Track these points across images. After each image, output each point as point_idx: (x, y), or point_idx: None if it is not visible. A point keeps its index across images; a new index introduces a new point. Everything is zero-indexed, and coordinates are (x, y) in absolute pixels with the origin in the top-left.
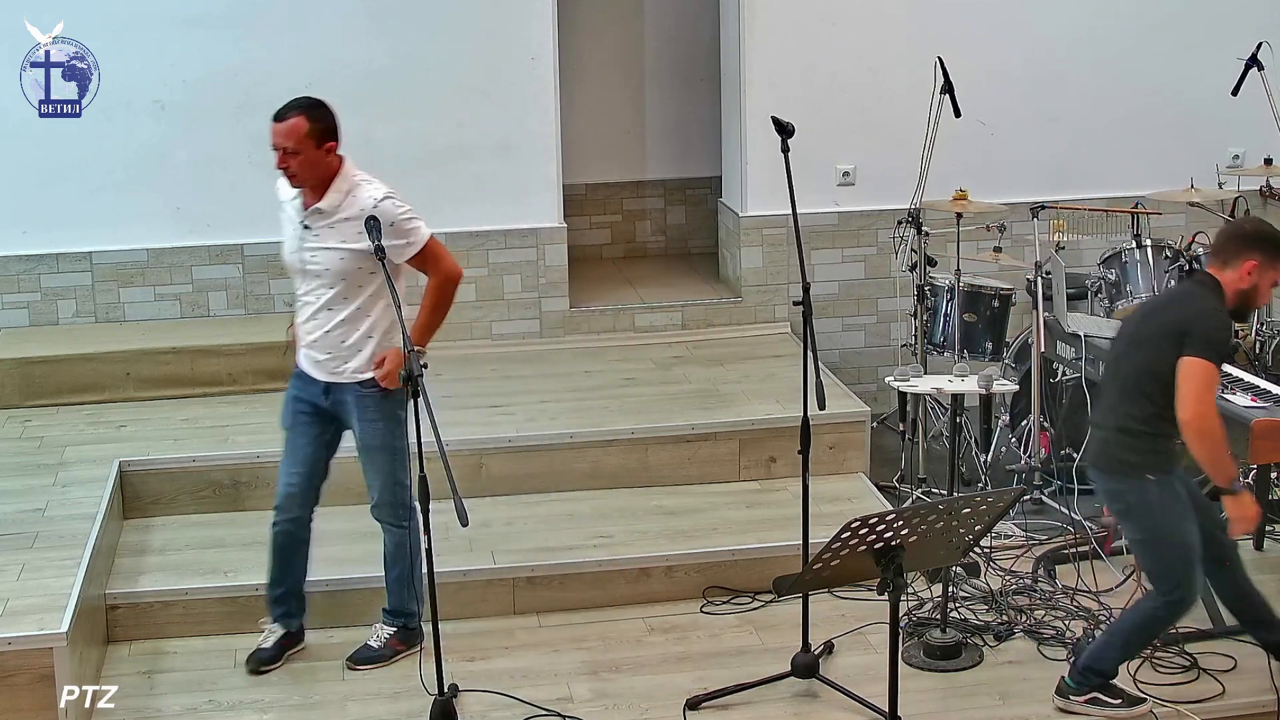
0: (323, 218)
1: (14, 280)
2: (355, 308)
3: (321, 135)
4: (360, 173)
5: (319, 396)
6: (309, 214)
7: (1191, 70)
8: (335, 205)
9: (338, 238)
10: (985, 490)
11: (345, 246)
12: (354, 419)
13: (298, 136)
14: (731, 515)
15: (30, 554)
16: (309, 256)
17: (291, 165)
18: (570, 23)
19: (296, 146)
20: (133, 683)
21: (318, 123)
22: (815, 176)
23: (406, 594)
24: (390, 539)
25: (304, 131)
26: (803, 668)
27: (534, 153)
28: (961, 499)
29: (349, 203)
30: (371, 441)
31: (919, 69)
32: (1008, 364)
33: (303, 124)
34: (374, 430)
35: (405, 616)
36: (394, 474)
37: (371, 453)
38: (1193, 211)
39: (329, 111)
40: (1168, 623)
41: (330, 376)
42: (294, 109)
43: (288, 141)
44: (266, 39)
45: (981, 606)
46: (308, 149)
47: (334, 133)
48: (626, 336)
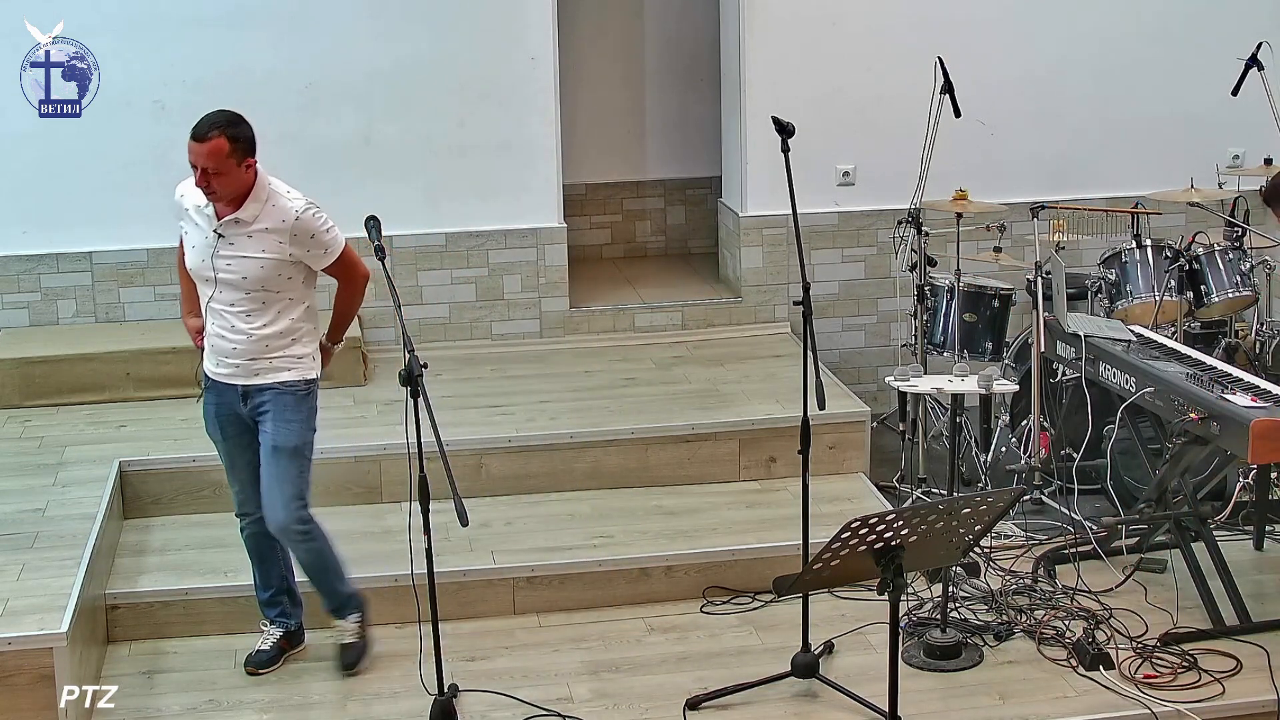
0: (241, 227)
1: (14, 280)
2: (275, 312)
3: (243, 153)
4: (274, 180)
5: (237, 403)
6: (225, 223)
7: (1191, 70)
8: (255, 215)
9: (257, 247)
10: (985, 490)
11: (265, 255)
12: (269, 419)
13: (219, 157)
14: (731, 515)
15: (30, 554)
16: (223, 265)
17: (213, 185)
18: (570, 23)
19: (218, 167)
20: (133, 683)
21: (238, 141)
22: (815, 176)
23: (339, 581)
24: (302, 549)
25: (225, 152)
26: (803, 668)
27: (534, 153)
28: (961, 499)
29: (269, 213)
30: (285, 442)
31: (919, 69)
32: (1008, 364)
33: (224, 145)
34: (289, 431)
35: (352, 601)
36: (299, 484)
37: (281, 455)
38: (1193, 211)
39: (248, 127)
40: None
41: (249, 379)
42: (214, 128)
43: (209, 162)
44: (267, 39)
45: (981, 606)
46: (229, 168)
47: (253, 148)
48: (626, 336)
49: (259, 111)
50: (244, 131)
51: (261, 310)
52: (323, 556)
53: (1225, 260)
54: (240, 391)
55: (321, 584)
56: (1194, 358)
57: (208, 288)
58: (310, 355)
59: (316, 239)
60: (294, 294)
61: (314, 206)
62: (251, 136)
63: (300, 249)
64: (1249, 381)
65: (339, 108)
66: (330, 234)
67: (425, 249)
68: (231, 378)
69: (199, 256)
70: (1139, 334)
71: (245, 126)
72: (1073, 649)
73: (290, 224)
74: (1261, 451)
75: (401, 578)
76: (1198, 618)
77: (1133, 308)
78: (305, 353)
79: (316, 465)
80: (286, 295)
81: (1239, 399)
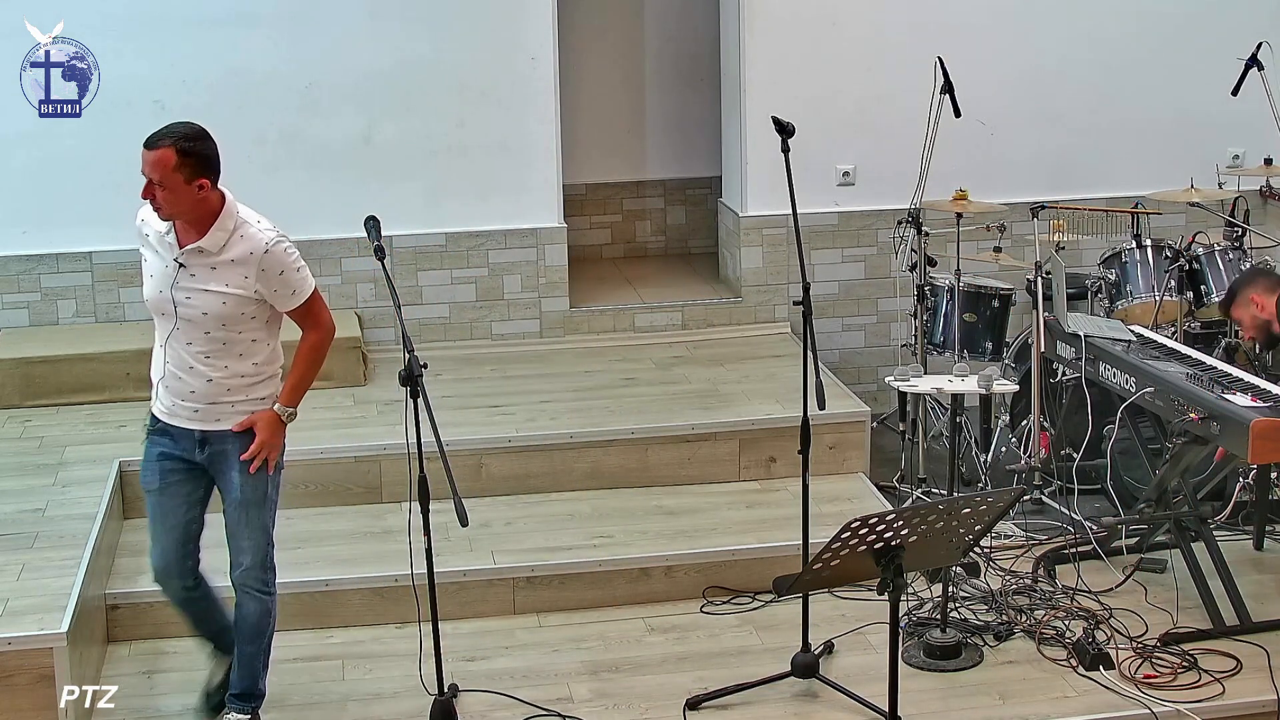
0: (204, 258)
1: (14, 280)
2: (237, 354)
3: (192, 171)
4: (244, 208)
5: (192, 451)
6: (186, 252)
7: (1191, 70)
8: (219, 245)
9: (220, 280)
10: (985, 490)
11: (229, 291)
12: (233, 469)
13: (164, 169)
14: (731, 515)
15: (30, 554)
16: (183, 298)
17: (157, 197)
18: (570, 23)
19: (162, 179)
20: (133, 683)
21: (189, 156)
22: (815, 176)
23: (262, 668)
24: (256, 606)
25: (170, 164)
26: (803, 668)
27: (534, 153)
28: (961, 499)
29: (236, 243)
30: (253, 494)
31: (919, 69)
32: (1008, 364)
33: (170, 156)
34: (256, 480)
35: (257, 699)
36: (267, 531)
37: (249, 508)
38: (1193, 211)
39: (207, 145)
40: None
41: (209, 424)
42: (166, 137)
43: (154, 173)
44: (267, 39)
45: (981, 606)
46: (175, 184)
47: (208, 169)
48: (626, 336)
49: (259, 111)
50: (200, 148)
51: (222, 351)
52: (266, 623)
53: (1225, 260)
54: (198, 437)
55: (248, 653)
56: (1194, 358)
57: (165, 323)
58: (273, 397)
59: (285, 277)
60: (257, 335)
61: (286, 240)
62: (209, 155)
63: (267, 286)
64: (1249, 381)
65: (339, 108)
66: (300, 274)
67: (425, 249)
68: (189, 422)
69: (157, 287)
70: (1139, 334)
71: (204, 143)
72: (1073, 649)
73: (259, 256)
74: (1261, 451)
75: (401, 578)
76: (1198, 618)
77: (1133, 308)
78: (269, 394)
79: (316, 465)
80: (249, 336)
81: (1239, 399)
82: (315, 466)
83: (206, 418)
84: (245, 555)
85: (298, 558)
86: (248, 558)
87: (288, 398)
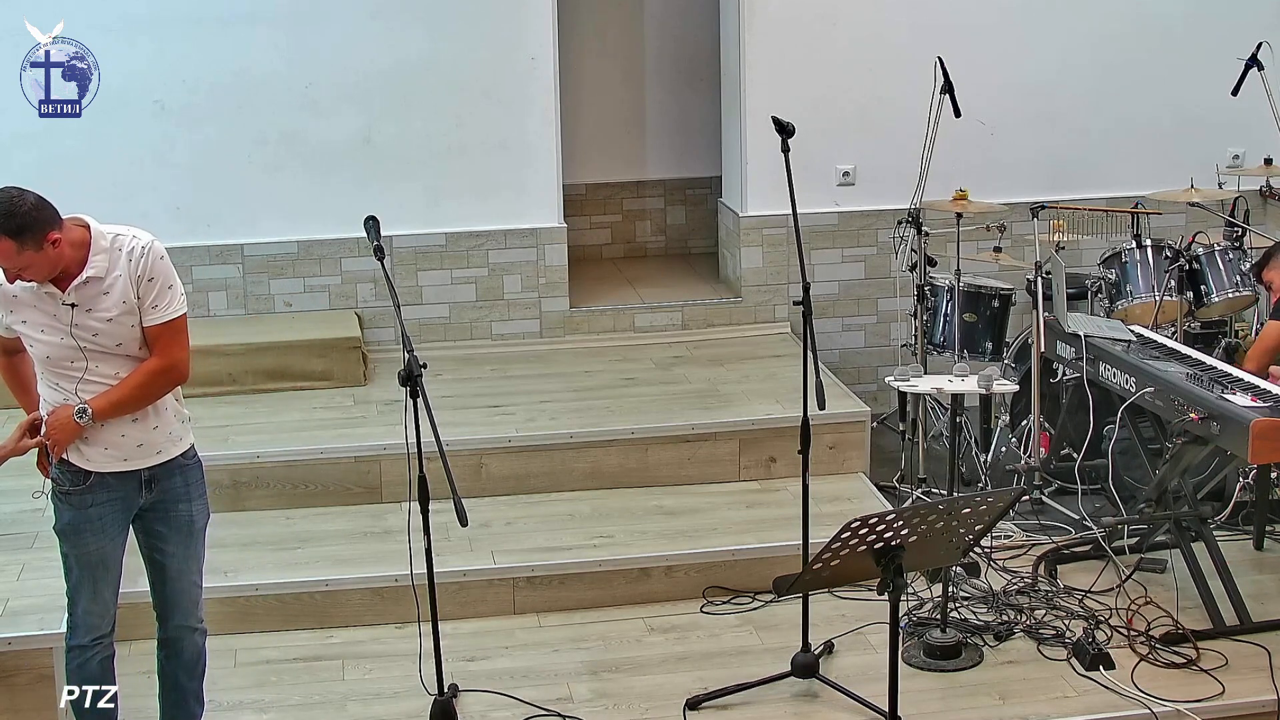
0: (97, 285)
1: None
2: None
3: (35, 239)
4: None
5: (136, 493)
6: (76, 289)
7: (1191, 70)
8: (106, 266)
9: (117, 301)
10: (985, 490)
11: (128, 305)
12: (180, 501)
13: (11, 257)
14: (731, 515)
15: (30, 554)
16: (89, 337)
17: (25, 278)
18: (570, 23)
19: (16, 265)
20: (133, 683)
21: (23, 232)
22: (815, 176)
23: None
24: (200, 639)
25: (13, 251)
26: (803, 668)
27: (534, 153)
28: (961, 499)
29: (116, 258)
30: (199, 521)
31: (919, 69)
32: (1008, 364)
33: (8, 246)
34: (201, 505)
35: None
36: (202, 562)
37: (195, 537)
38: (1193, 211)
39: (27, 208)
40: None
41: (152, 459)
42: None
43: (7, 263)
44: (267, 39)
45: (981, 606)
46: (29, 260)
47: (47, 224)
48: (626, 336)
49: (259, 111)
50: (25, 218)
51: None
52: (203, 660)
53: (1225, 260)
54: (144, 478)
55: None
56: (1194, 358)
57: (74, 372)
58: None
59: (158, 283)
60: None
61: (158, 244)
62: (37, 214)
63: (138, 288)
64: (1249, 381)
65: (339, 108)
66: (174, 288)
67: (425, 249)
68: (132, 463)
69: (55, 339)
70: (1139, 334)
71: (25, 208)
72: (1073, 649)
73: (136, 259)
74: (1261, 451)
75: (401, 578)
76: (1198, 618)
77: (1133, 308)
78: (184, 411)
79: (316, 465)
80: (142, 349)
81: (1239, 399)
82: (315, 466)
83: (149, 452)
84: (196, 590)
85: (298, 558)
86: (198, 592)
87: (100, 403)
